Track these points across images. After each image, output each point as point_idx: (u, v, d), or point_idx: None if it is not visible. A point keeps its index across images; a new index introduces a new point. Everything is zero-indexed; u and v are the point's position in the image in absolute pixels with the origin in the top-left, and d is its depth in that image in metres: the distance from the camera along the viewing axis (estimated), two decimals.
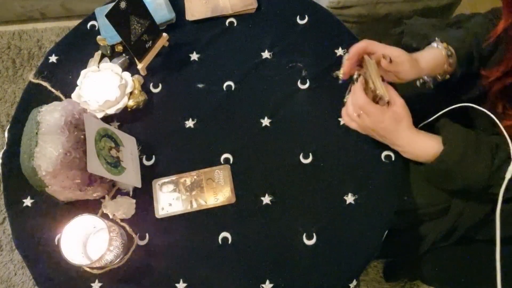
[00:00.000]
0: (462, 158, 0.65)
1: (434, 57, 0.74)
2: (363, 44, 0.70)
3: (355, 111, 0.70)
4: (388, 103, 0.67)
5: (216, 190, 0.75)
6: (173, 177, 0.77)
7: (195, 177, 0.76)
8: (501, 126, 0.63)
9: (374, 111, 0.67)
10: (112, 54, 0.88)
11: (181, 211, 0.74)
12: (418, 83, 0.78)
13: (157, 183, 0.76)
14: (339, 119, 0.79)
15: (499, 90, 0.67)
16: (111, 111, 0.80)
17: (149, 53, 0.83)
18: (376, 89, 0.66)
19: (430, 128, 0.72)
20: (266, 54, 0.86)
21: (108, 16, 0.70)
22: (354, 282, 0.69)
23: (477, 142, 0.66)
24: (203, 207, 0.74)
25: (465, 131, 0.68)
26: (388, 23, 1.17)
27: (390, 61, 0.68)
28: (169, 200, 0.75)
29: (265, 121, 0.80)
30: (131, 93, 0.82)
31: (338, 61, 0.83)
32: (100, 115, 0.79)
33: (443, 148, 0.66)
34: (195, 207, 0.74)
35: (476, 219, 0.75)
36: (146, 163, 0.78)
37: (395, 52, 0.69)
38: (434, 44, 0.75)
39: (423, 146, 0.69)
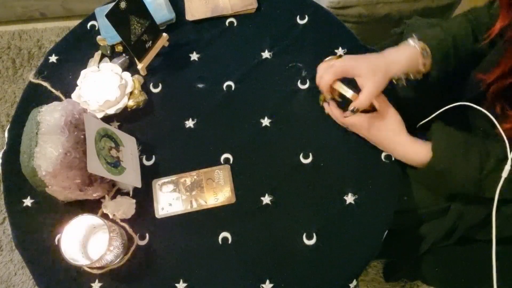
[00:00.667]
0: (450, 166, 0.67)
1: (408, 56, 0.71)
2: (339, 71, 0.70)
3: (345, 127, 0.76)
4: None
5: (216, 190, 0.75)
6: (173, 177, 0.77)
7: (195, 177, 0.76)
8: (500, 129, 0.63)
9: (352, 122, 0.73)
10: (112, 54, 0.88)
11: (181, 211, 0.74)
12: (394, 80, 0.75)
13: (157, 183, 0.76)
14: None
15: (497, 91, 0.66)
16: (111, 111, 0.80)
17: (149, 53, 0.83)
18: (351, 98, 0.70)
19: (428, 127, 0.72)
20: (266, 54, 0.86)
21: (108, 16, 0.70)
22: (354, 282, 0.69)
23: (466, 149, 0.67)
24: (203, 207, 0.74)
25: (454, 137, 0.69)
26: (388, 23, 1.16)
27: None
28: (169, 200, 0.75)
29: (265, 121, 0.80)
30: (131, 93, 0.82)
31: None
32: (100, 115, 0.79)
33: (431, 156, 0.68)
34: (195, 207, 0.74)
35: (476, 220, 0.75)
36: (146, 163, 0.78)
37: (364, 95, 0.68)
38: (411, 42, 0.72)
39: (415, 153, 0.71)
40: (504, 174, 0.62)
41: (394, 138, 0.72)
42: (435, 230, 0.79)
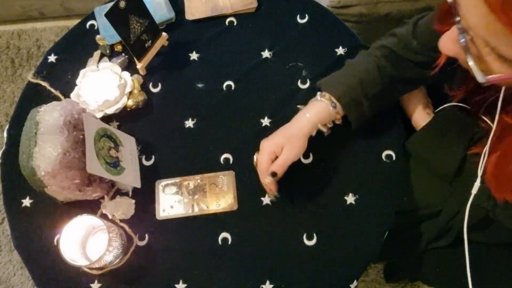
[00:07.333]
0: (432, 143, 0.75)
1: (318, 111, 0.71)
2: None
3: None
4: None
5: (219, 196, 0.74)
6: (177, 179, 0.76)
7: (198, 181, 0.76)
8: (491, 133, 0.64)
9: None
10: (111, 54, 0.88)
11: (181, 214, 0.74)
12: (313, 133, 0.75)
13: (160, 184, 0.76)
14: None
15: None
16: (110, 111, 0.79)
17: (148, 52, 0.82)
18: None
19: None
20: (266, 54, 0.85)
21: (108, 15, 0.70)
22: (355, 283, 0.69)
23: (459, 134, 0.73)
24: (204, 212, 0.73)
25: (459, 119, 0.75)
26: (388, 22, 1.16)
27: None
28: (171, 202, 0.74)
29: (265, 121, 0.80)
30: (130, 92, 0.82)
31: (339, 61, 0.82)
32: (99, 115, 0.79)
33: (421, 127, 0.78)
34: (196, 211, 0.74)
35: (471, 222, 0.74)
36: (145, 163, 0.78)
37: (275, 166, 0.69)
38: (318, 97, 0.72)
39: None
40: (474, 190, 0.62)
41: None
42: (429, 229, 0.79)
